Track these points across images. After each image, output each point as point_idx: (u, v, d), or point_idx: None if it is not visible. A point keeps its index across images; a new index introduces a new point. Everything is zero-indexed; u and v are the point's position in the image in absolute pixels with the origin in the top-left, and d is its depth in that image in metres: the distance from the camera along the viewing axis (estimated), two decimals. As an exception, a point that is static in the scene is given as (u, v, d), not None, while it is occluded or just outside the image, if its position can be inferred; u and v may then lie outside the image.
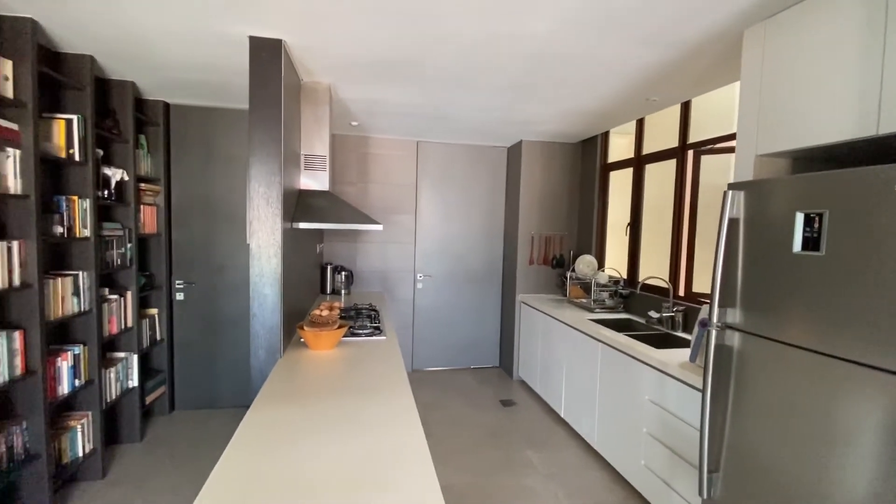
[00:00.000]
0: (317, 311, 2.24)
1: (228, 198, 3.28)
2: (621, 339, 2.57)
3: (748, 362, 1.51)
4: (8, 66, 1.80)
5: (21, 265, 1.87)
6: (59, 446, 2.16)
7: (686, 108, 2.90)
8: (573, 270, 3.81)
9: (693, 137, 2.87)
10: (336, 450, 1.26)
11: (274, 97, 2.03)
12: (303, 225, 2.40)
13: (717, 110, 2.74)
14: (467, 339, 4.50)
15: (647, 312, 3.05)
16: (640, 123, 3.38)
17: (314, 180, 2.70)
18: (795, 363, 1.34)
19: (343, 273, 3.94)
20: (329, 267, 3.94)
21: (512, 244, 4.26)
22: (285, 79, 2.12)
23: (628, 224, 3.50)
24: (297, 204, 2.53)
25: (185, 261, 3.25)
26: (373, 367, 1.98)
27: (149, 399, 2.98)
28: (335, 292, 3.96)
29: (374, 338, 2.48)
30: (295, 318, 2.51)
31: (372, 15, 1.78)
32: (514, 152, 4.24)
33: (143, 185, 2.90)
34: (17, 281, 1.85)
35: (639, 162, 3.38)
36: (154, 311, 3.10)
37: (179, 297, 3.25)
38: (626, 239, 3.53)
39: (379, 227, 2.58)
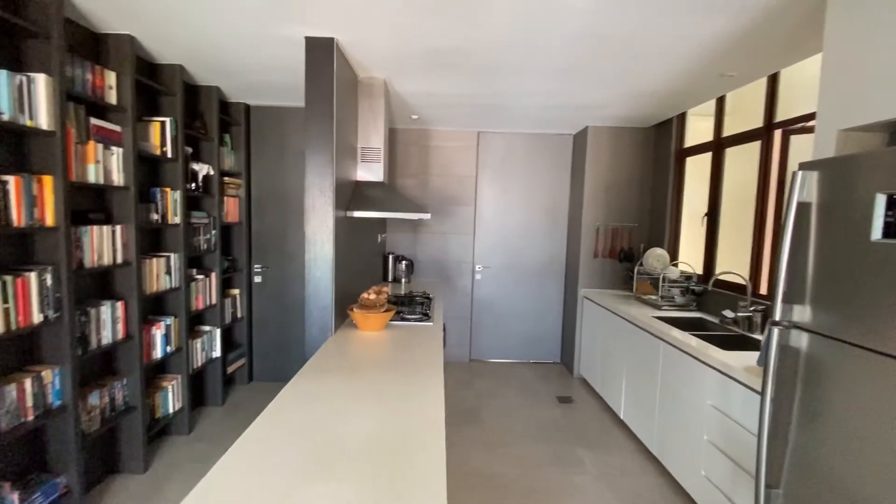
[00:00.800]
0: (365, 295, 2.35)
1: (299, 190, 3.55)
2: (683, 336, 2.37)
3: (818, 367, 1.32)
4: (112, 76, 2.13)
5: (123, 246, 2.21)
6: (153, 403, 2.53)
7: (773, 82, 2.56)
8: (641, 265, 3.57)
9: (781, 115, 2.53)
10: (361, 416, 1.33)
11: (326, 93, 2.16)
12: (357, 213, 2.53)
13: (812, 83, 2.38)
14: (527, 332, 4.43)
15: (721, 311, 2.77)
16: (720, 103, 3.05)
17: (370, 172, 2.82)
18: (876, 371, 1.14)
19: (403, 262, 4.07)
20: (391, 256, 4.10)
21: (575, 236, 4.09)
22: (340, 75, 2.24)
23: (705, 214, 3.19)
24: (353, 194, 2.67)
25: (262, 247, 3.59)
26: (412, 350, 2.04)
27: (230, 369, 3.35)
28: (396, 280, 4.11)
29: (421, 323, 2.54)
30: (350, 302, 2.65)
31: (418, 6, 1.82)
32: (580, 139, 4.06)
33: (226, 179, 3.25)
34: (119, 259, 2.19)
35: (718, 145, 3.06)
36: (236, 291, 3.47)
37: (257, 279, 3.60)
38: (703, 231, 3.22)
39: (427, 216, 2.64)
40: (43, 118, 1.73)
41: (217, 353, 3.10)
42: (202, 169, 2.92)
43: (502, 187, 4.30)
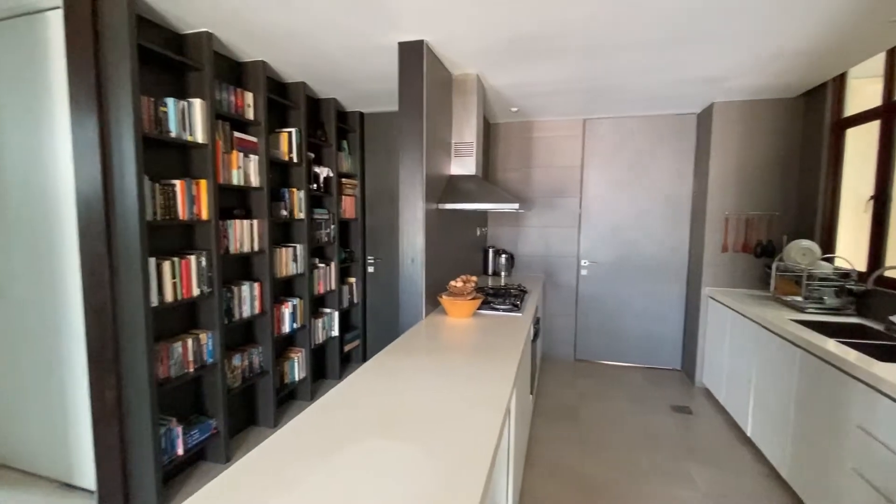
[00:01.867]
0: (453, 282, 2.45)
1: (405, 187, 3.82)
2: (824, 343, 1.96)
3: None
4: (250, 97, 2.58)
5: (259, 237, 2.67)
6: (282, 370, 2.99)
7: (971, 17, 1.95)
8: (782, 260, 3.02)
9: None
10: (427, 389, 1.42)
11: (416, 93, 2.31)
12: (448, 206, 2.65)
13: None
14: (642, 335, 4.07)
15: (888, 317, 2.21)
16: (893, 57, 2.43)
17: (462, 166, 2.91)
18: None
19: (503, 256, 4.09)
20: (490, 250, 4.15)
21: (699, 228, 3.63)
22: (431, 75, 2.38)
23: (871, 198, 2.57)
24: (446, 187, 2.80)
25: (375, 241, 3.95)
26: (493, 336, 2.07)
27: (347, 347, 3.77)
28: (495, 274, 4.15)
29: (509, 314, 2.55)
30: (442, 290, 2.78)
31: (488, -4, 1.84)
32: (705, 118, 3.59)
33: (344, 180, 3.67)
34: (256, 247, 2.65)
35: (889, 112, 2.44)
36: (353, 279, 3.89)
37: (371, 270, 3.98)
38: (867, 218, 2.60)
39: (515, 206, 2.63)
40: (199, 134, 2.20)
41: (335, 332, 3.52)
42: (323, 172, 3.34)
43: (612, 177, 4.02)
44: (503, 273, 4.12)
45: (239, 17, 2.07)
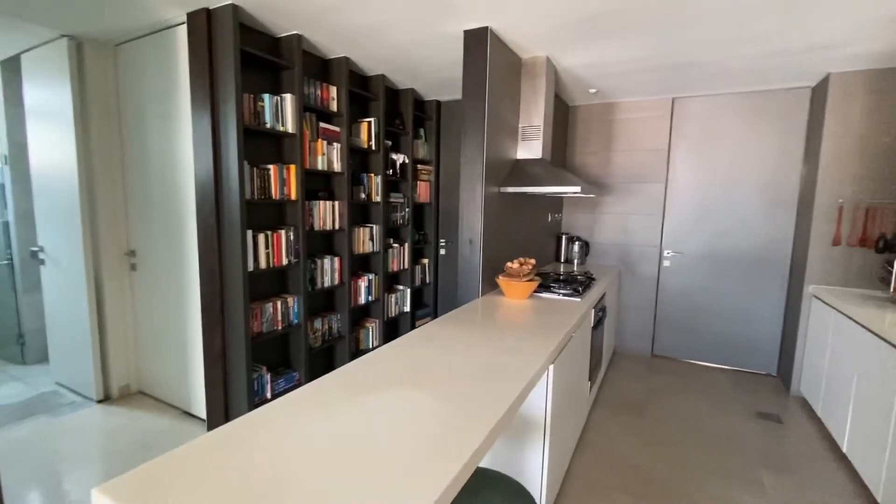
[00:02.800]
0: (510, 263, 2.51)
1: (478, 173, 3.92)
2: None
3: None
4: (334, 90, 2.87)
5: (339, 216, 2.98)
6: (358, 336, 3.32)
7: None
8: (909, 255, 2.57)
9: None
10: (460, 355, 1.54)
11: (479, 78, 2.39)
12: (510, 189, 2.70)
13: None
14: (732, 334, 3.73)
15: None
16: None
17: (529, 149, 2.93)
18: None
19: (577, 243, 4.01)
20: (564, 237, 4.09)
21: (806, 218, 3.21)
22: (497, 60, 2.44)
23: None
24: (511, 171, 2.84)
25: (447, 224, 4.13)
26: (543, 317, 2.11)
27: (417, 323, 4.02)
28: (567, 261, 4.09)
29: (568, 298, 2.54)
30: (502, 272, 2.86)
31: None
32: (820, 93, 3.14)
33: (419, 166, 3.88)
34: (337, 226, 2.97)
35: None
36: (425, 260, 4.12)
37: (442, 252, 4.17)
38: None
39: (576, 189, 2.59)
40: (290, 125, 2.53)
41: (407, 308, 3.79)
42: (399, 158, 3.58)
43: (703, 161, 3.70)
44: (576, 261, 4.04)
45: (324, 19, 2.32)
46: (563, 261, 4.12)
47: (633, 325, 4.06)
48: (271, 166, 2.47)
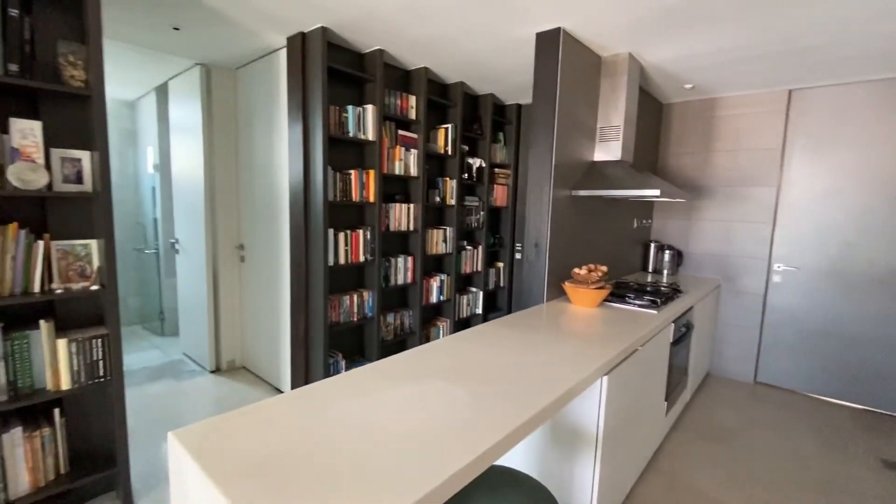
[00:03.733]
0: (577, 270, 2.43)
1: (557, 176, 3.83)
2: None
3: None
4: (413, 99, 3.04)
5: (414, 219, 3.14)
6: (428, 334, 3.44)
7: None
8: None
9: None
10: (502, 356, 1.55)
11: (550, 80, 2.36)
12: (583, 192, 2.61)
13: None
14: (861, 365, 3.14)
15: None
16: None
17: (607, 151, 2.79)
18: None
19: (668, 252, 3.70)
20: (653, 244, 3.80)
21: (969, 229, 2.59)
22: (573, 60, 2.39)
23: None
24: (585, 173, 2.74)
25: (523, 228, 4.07)
26: (610, 327, 2.01)
27: (490, 328, 4.04)
28: (656, 271, 3.79)
29: (643, 310, 2.38)
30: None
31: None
32: None
33: (497, 170, 3.91)
34: (411, 227, 3.12)
35: None
36: (500, 264, 4.12)
37: (518, 256, 4.13)
38: None
39: (655, 193, 2.40)
40: (370, 133, 2.74)
41: (479, 310, 3.83)
42: (475, 162, 3.65)
43: (827, 161, 3.18)
44: (665, 271, 3.74)
45: (402, 33, 2.48)
46: (650, 270, 3.83)
47: (732, 346, 3.62)
48: (352, 171, 2.70)
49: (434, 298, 3.39)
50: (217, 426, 1.02)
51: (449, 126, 3.31)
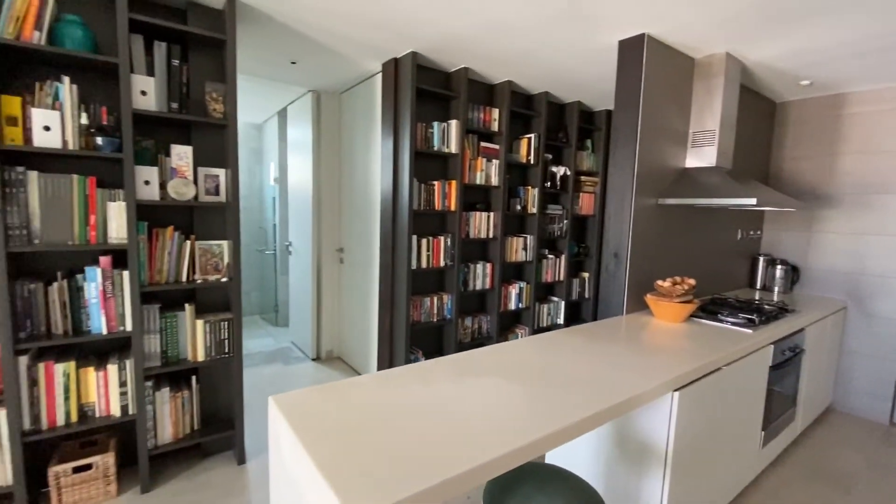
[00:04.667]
0: (660, 282, 2.32)
1: (648, 184, 3.65)
2: None
3: None
4: (495, 112, 3.16)
5: (494, 226, 3.24)
6: (506, 339, 3.48)
7: None
8: None
9: None
10: (569, 363, 1.58)
11: (632, 87, 2.31)
12: (670, 201, 2.49)
13: None
14: None
15: None
16: None
17: (701, 157, 2.62)
18: None
19: (780, 267, 3.32)
20: (762, 258, 3.43)
21: None
22: (660, 65, 2.33)
23: None
24: (675, 181, 2.60)
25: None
26: (693, 344, 1.91)
27: (572, 338, 3.96)
28: (766, 288, 3.41)
29: (736, 328, 2.20)
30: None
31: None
32: None
33: (583, 178, 3.84)
34: (491, 235, 3.23)
35: None
36: (586, 274, 4.02)
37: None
38: None
39: (751, 202, 2.20)
40: (453, 146, 2.92)
41: (560, 320, 3.78)
42: (559, 170, 3.64)
43: None
44: (777, 288, 3.35)
45: (486, 51, 2.62)
46: (758, 287, 3.46)
47: (862, 379, 3.11)
48: (436, 182, 2.90)
49: (512, 305, 3.45)
50: (308, 395, 1.24)
51: (532, 136, 3.36)
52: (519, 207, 3.41)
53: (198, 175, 2.12)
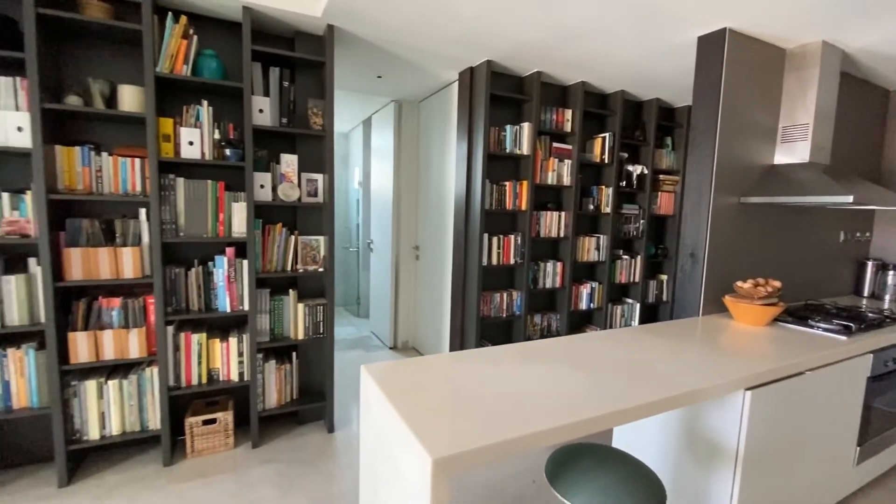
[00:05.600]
0: (740, 283, 2.24)
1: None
2: None
3: None
4: (569, 113, 3.20)
5: (565, 226, 3.29)
6: (576, 339, 3.51)
7: None
8: None
9: None
10: (630, 356, 1.64)
11: (712, 82, 2.26)
12: (753, 199, 2.39)
13: None
14: None
15: None
16: None
17: (791, 153, 2.47)
18: None
19: (893, 273, 2.98)
20: (871, 263, 3.10)
21: None
22: (744, 58, 2.26)
23: None
24: (761, 179, 2.48)
25: (692, 239, 3.78)
26: (772, 347, 1.86)
27: (647, 342, 3.85)
28: (875, 297, 3.08)
29: (829, 334, 2.07)
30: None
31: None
32: None
33: (662, 177, 3.73)
34: (562, 234, 3.28)
35: None
36: (664, 276, 3.89)
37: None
38: None
39: (846, 199, 2.04)
40: (525, 148, 3.03)
41: (635, 322, 3.71)
42: (636, 169, 3.57)
43: None
44: (888, 297, 3.01)
45: (558, 55, 2.70)
46: (866, 294, 3.13)
47: None
48: (507, 182, 3.02)
49: (583, 305, 3.46)
50: (393, 365, 1.44)
51: (606, 135, 3.35)
52: (592, 207, 3.42)
53: (301, 179, 2.46)
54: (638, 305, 3.70)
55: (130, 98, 2.03)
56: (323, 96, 2.50)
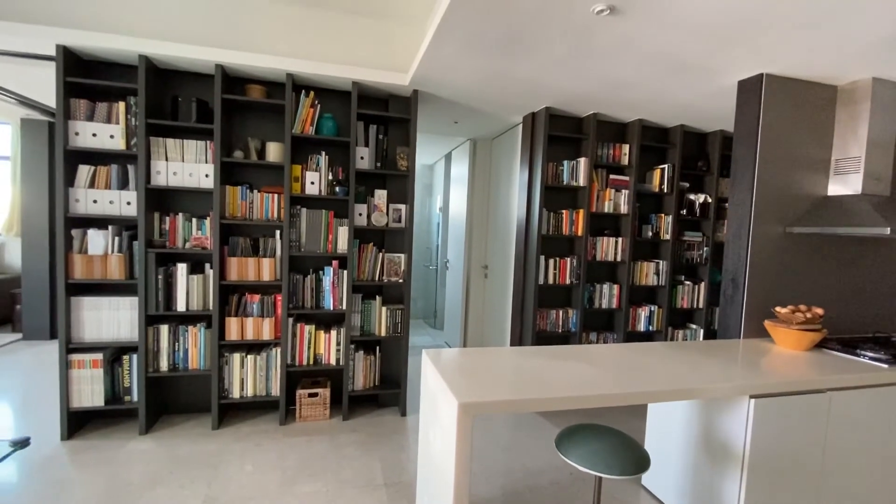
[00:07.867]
0: (779, 308, 2.36)
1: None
2: None
3: None
4: (626, 147, 3.50)
5: (622, 251, 3.54)
6: (633, 359, 3.68)
7: None
8: None
9: None
10: (654, 363, 1.94)
11: (749, 121, 2.47)
12: (798, 229, 2.50)
13: None
14: None
15: None
16: None
17: (844, 184, 2.53)
18: None
19: None
20: (968, 298, 2.89)
21: None
22: (786, 98, 2.44)
23: None
24: (812, 209, 2.57)
25: (763, 268, 3.75)
26: (813, 372, 2.01)
27: (712, 369, 3.85)
28: (971, 334, 2.85)
29: (875, 363, 2.12)
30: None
31: None
32: None
33: (726, 205, 3.79)
34: (618, 259, 3.54)
35: None
36: (731, 304, 3.89)
37: (755, 297, 3.80)
38: None
39: (885, 231, 2.10)
40: (581, 180, 3.39)
41: (697, 348, 3.75)
42: (699, 198, 3.70)
43: None
44: None
45: (612, 101, 3.06)
46: (959, 332, 2.91)
47: None
48: (564, 211, 3.40)
49: (641, 327, 3.63)
50: (445, 351, 1.93)
51: (666, 166, 3.57)
52: (651, 234, 3.62)
53: (388, 209, 3.11)
54: (702, 331, 3.75)
55: (275, 151, 2.83)
56: (408, 144, 3.15)
